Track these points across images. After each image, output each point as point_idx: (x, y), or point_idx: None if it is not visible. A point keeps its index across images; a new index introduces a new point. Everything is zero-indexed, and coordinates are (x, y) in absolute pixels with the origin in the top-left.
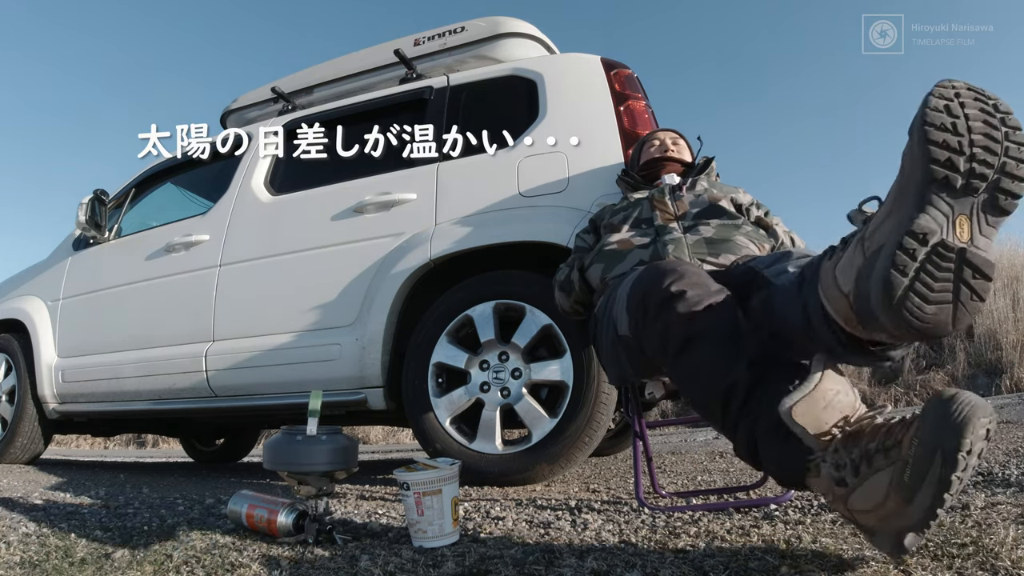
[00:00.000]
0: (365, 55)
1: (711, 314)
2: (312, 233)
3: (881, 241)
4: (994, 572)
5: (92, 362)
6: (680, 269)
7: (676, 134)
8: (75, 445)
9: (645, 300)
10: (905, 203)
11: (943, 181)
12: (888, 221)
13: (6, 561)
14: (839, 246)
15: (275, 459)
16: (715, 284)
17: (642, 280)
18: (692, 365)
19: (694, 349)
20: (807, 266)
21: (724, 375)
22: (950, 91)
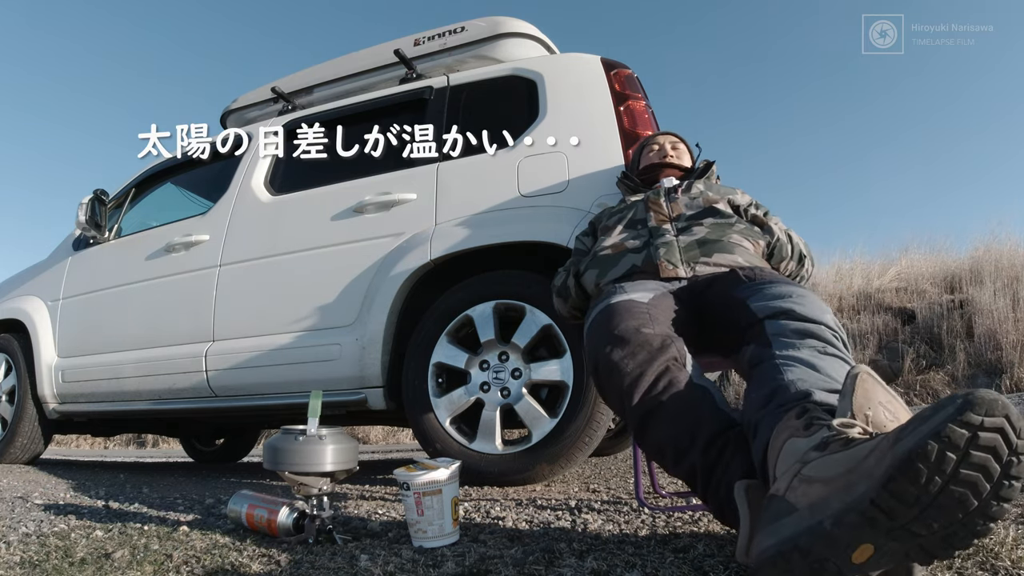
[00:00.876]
0: (365, 55)
1: (657, 391)
2: (312, 233)
3: (797, 503)
4: (994, 572)
5: (92, 362)
6: (620, 331)
7: (677, 138)
8: (75, 445)
9: (597, 370)
10: (836, 496)
11: (872, 518)
12: (818, 488)
13: (6, 561)
14: (807, 417)
15: (275, 459)
16: (659, 339)
17: (592, 341)
18: (654, 446)
19: (648, 431)
20: (779, 389)
21: (682, 459)
22: (962, 436)
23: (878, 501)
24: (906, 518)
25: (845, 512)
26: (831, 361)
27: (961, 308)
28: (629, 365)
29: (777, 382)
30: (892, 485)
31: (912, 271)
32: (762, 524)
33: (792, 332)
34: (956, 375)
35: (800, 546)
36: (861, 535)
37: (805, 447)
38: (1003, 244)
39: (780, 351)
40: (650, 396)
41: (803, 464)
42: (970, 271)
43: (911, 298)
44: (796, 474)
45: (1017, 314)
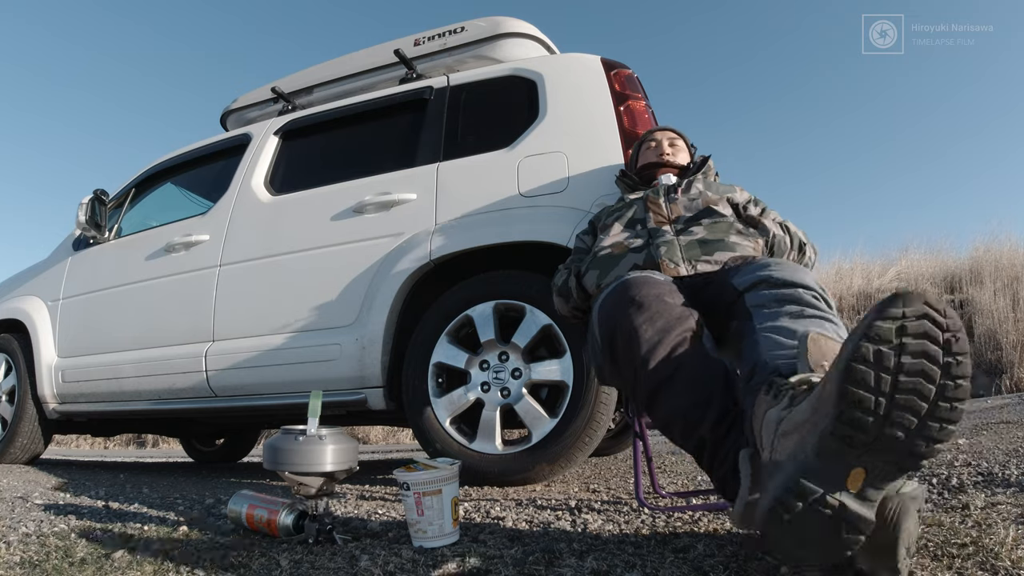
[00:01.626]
0: (365, 55)
1: (673, 359)
2: (312, 233)
3: (780, 457)
4: (994, 572)
5: (92, 362)
6: (640, 297)
7: (674, 133)
8: (75, 445)
9: (614, 336)
10: (810, 434)
11: (847, 438)
12: (794, 437)
13: (6, 561)
14: (775, 387)
15: (275, 459)
16: (678, 308)
17: (608, 308)
18: (663, 418)
19: (661, 401)
20: (757, 368)
21: (692, 431)
22: (891, 329)
23: (843, 418)
24: (876, 427)
25: (821, 444)
26: (808, 323)
27: (961, 308)
28: (648, 332)
29: (753, 360)
30: (848, 397)
31: (912, 271)
32: (762, 483)
33: (771, 300)
34: None
35: (793, 489)
36: (846, 459)
37: (776, 415)
38: (1003, 244)
39: (760, 323)
40: (666, 365)
41: (778, 424)
42: (970, 271)
43: None
44: (774, 435)
45: (1017, 314)
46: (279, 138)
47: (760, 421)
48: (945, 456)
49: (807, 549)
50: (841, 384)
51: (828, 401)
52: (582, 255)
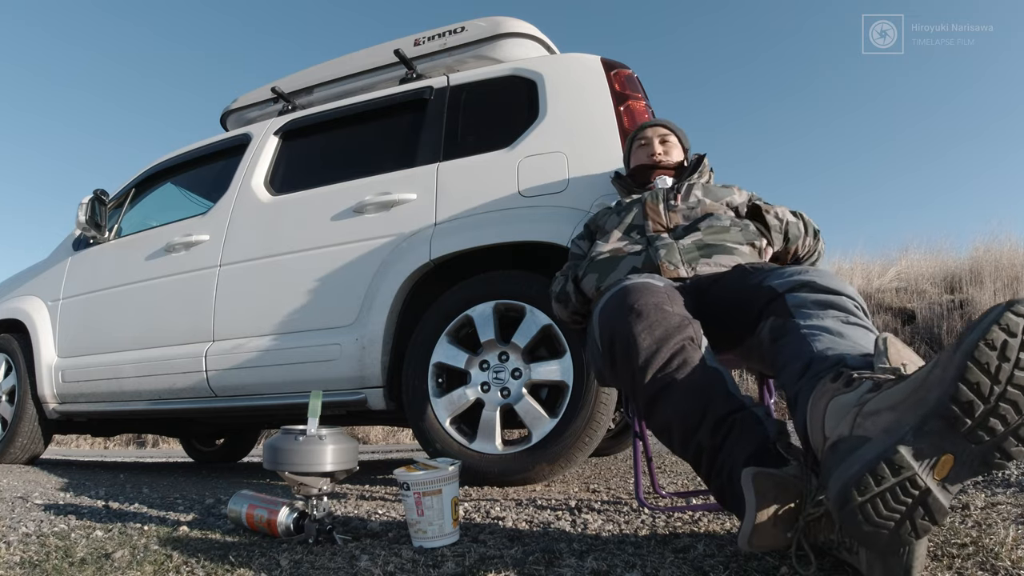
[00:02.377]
0: (365, 55)
1: (671, 367)
2: (312, 233)
3: (869, 433)
4: (994, 572)
5: (92, 362)
6: (639, 305)
7: (666, 129)
8: (75, 445)
9: (612, 343)
10: (909, 413)
11: (952, 420)
12: (887, 416)
13: (6, 561)
14: (845, 376)
15: (275, 459)
16: (676, 317)
17: (607, 315)
18: (661, 424)
19: (659, 409)
20: (814, 360)
21: (690, 438)
22: (1019, 324)
23: (956, 397)
24: (983, 413)
25: (925, 420)
26: (855, 330)
27: (961, 308)
28: (647, 340)
29: (810, 353)
30: (968, 377)
31: (912, 271)
32: (835, 464)
33: (813, 303)
34: None
35: (890, 460)
36: (943, 443)
37: (855, 397)
38: (1003, 244)
39: (804, 321)
40: (664, 373)
41: (860, 406)
42: (970, 271)
43: (911, 298)
44: (856, 415)
45: None
46: (279, 138)
47: (822, 408)
48: None
49: (875, 530)
50: (963, 363)
51: (940, 383)
52: (578, 260)
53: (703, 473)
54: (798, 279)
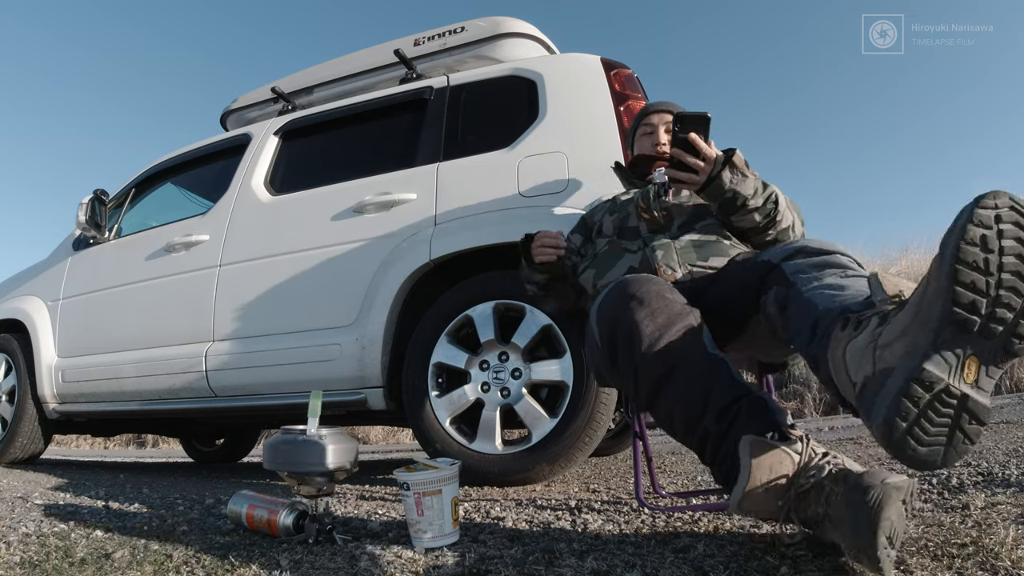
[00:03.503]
0: (365, 55)
1: (675, 353)
2: (312, 233)
3: (891, 363)
4: (994, 572)
5: (92, 362)
6: (640, 294)
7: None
8: (75, 445)
9: (614, 331)
10: (921, 331)
11: (961, 323)
12: (901, 341)
13: (6, 561)
14: (852, 321)
15: (275, 459)
16: (678, 305)
17: (608, 304)
18: (666, 411)
19: (664, 395)
20: (821, 317)
21: (695, 424)
22: (991, 215)
23: (958, 301)
24: (988, 308)
25: (938, 333)
26: (855, 281)
27: None
28: (649, 327)
29: (815, 314)
30: (961, 280)
31: (912, 271)
32: (870, 403)
33: (810, 267)
34: None
35: (919, 379)
36: (962, 347)
37: (868, 335)
38: None
39: (805, 285)
40: (668, 359)
41: (875, 341)
42: None
43: None
44: (874, 350)
45: None
46: (279, 138)
47: (841, 357)
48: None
49: (930, 450)
50: (952, 267)
51: (937, 293)
52: (570, 255)
53: (708, 459)
54: (791, 247)
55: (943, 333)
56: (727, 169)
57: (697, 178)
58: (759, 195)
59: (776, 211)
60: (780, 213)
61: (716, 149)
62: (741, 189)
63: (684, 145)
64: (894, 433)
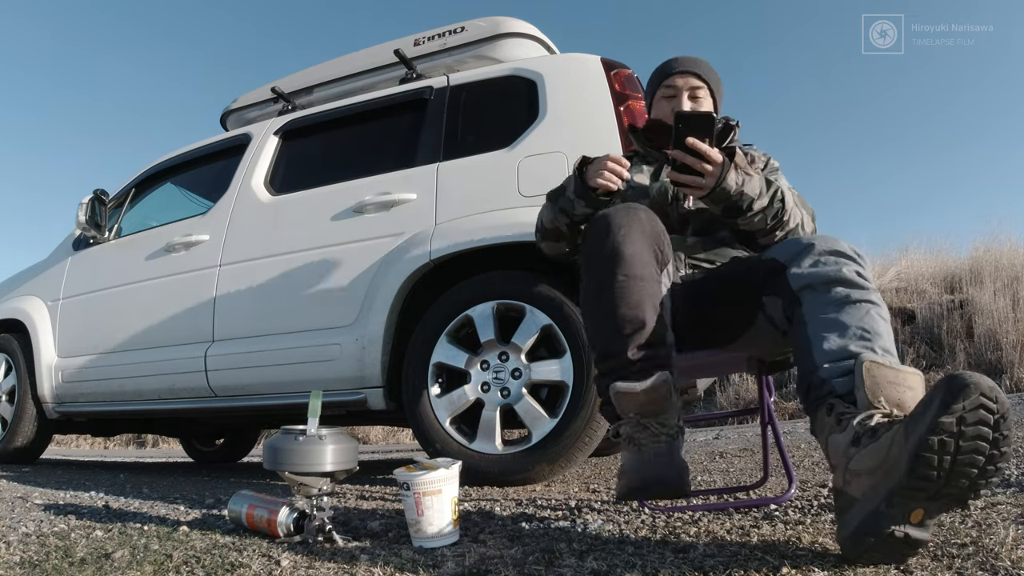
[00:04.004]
0: (365, 55)
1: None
2: (312, 233)
3: (855, 494)
4: (994, 572)
5: (92, 362)
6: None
7: (699, 80)
8: (75, 445)
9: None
10: (882, 480)
11: (912, 495)
12: (867, 479)
13: (6, 561)
14: (834, 415)
15: (275, 459)
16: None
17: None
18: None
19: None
20: (812, 385)
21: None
22: (952, 422)
23: (910, 484)
24: (936, 487)
25: (891, 495)
26: (856, 311)
27: (961, 308)
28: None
29: (808, 366)
30: (916, 471)
31: (912, 271)
32: (839, 515)
33: (819, 282)
34: None
35: (870, 527)
36: (910, 506)
37: (844, 443)
38: (1003, 244)
39: (810, 315)
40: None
41: (847, 459)
42: (970, 271)
43: (911, 298)
44: (845, 469)
45: (1017, 314)
46: (279, 138)
47: (825, 440)
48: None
49: (878, 559)
50: (912, 463)
51: (897, 467)
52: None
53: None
54: (798, 246)
55: (896, 496)
56: (732, 170)
57: (704, 182)
58: (764, 195)
59: (783, 210)
60: (787, 212)
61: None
62: (747, 190)
63: (687, 147)
64: (852, 551)
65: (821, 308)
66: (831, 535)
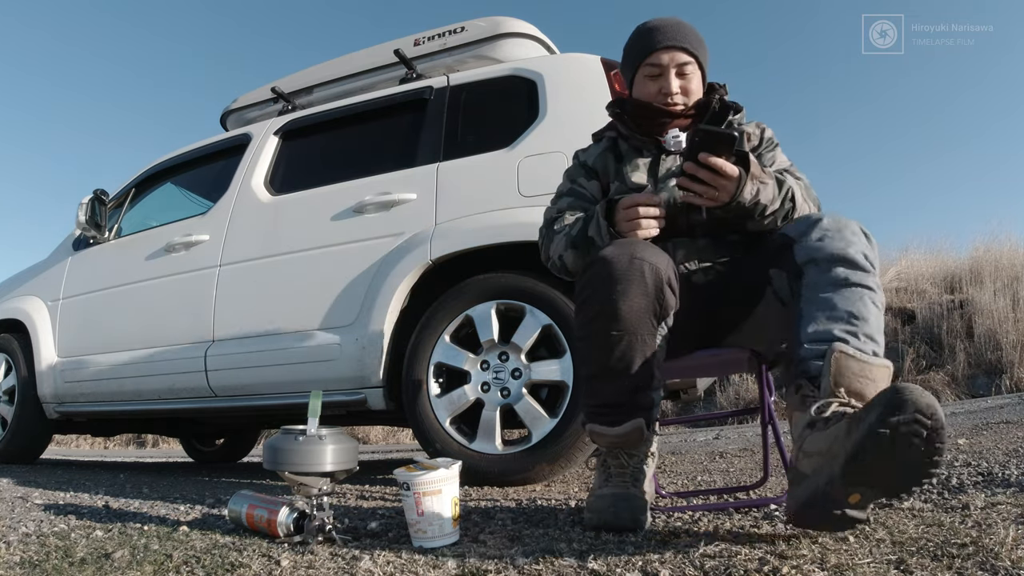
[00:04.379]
0: (365, 55)
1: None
2: (312, 233)
3: (806, 471)
4: (994, 572)
5: (92, 362)
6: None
7: (687, 55)
8: (75, 445)
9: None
10: (826, 466)
11: (851, 480)
12: (816, 460)
13: (6, 561)
14: (800, 395)
15: (275, 459)
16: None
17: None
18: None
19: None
20: (794, 359)
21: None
22: (886, 433)
23: (849, 471)
24: (872, 478)
25: (832, 480)
26: (852, 294)
27: (961, 308)
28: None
29: (797, 338)
30: (851, 467)
31: (912, 271)
32: (792, 487)
33: (824, 259)
34: (956, 375)
35: (814, 503)
36: (849, 488)
37: (802, 423)
38: (1003, 244)
39: (808, 290)
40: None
41: (802, 440)
42: (970, 271)
43: (911, 298)
44: (800, 448)
45: (1017, 314)
46: (279, 138)
47: (791, 415)
48: (945, 456)
49: (821, 529)
50: (848, 458)
51: (839, 458)
52: (585, 203)
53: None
54: (808, 221)
55: (836, 480)
56: (748, 181)
57: (717, 195)
58: (777, 197)
59: (794, 209)
60: (797, 210)
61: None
62: (763, 198)
63: (701, 162)
64: (798, 521)
65: (820, 286)
66: (831, 535)
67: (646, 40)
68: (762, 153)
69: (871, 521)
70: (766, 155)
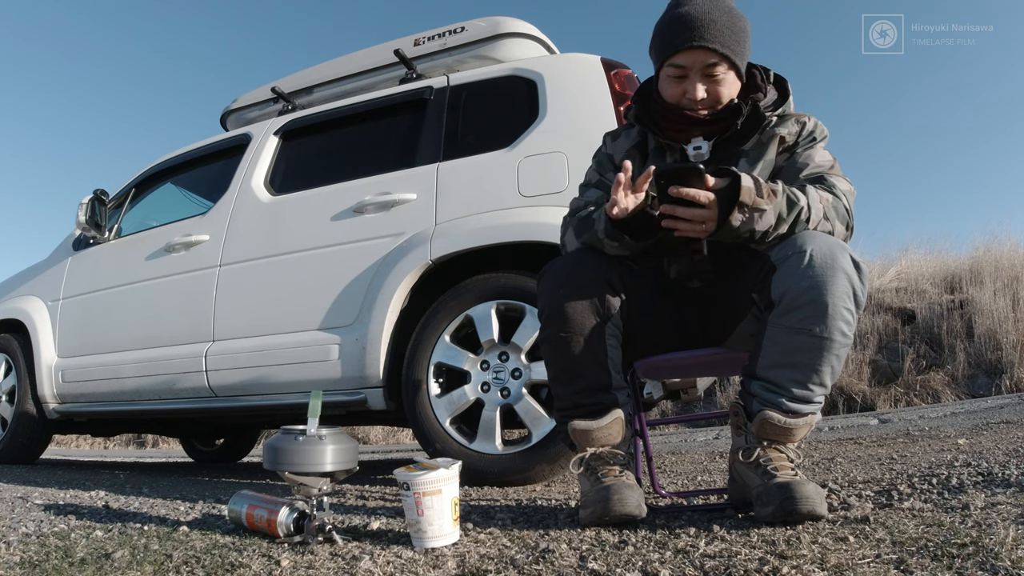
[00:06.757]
0: (365, 55)
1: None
2: (312, 233)
3: (739, 479)
4: (994, 572)
5: (92, 362)
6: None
7: (717, 55)
8: (75, 445)
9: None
10: (749, 492)
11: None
12: (744, 478)
13: (6, 561)
14: (738, 424)
15: (275, 459)
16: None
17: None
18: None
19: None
20: (746, 387)
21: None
22: (777, 522)
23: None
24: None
25: (749, 498)
26: (808, 343)
27: (961, 308)
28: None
29: (749, 371)
30: (756, 511)
31: (912, 271)
32: (739, 480)
33: (793, 300)
34: (956, 375)
35: (760, 502)
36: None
37: (736, 448)
38: (1003, 244)
39: (772, 325)
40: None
41: (735, 459)
42: (970, 271)
43: (911, 298)
44: (735, 461)
45: (1017, 314)
46: (279, 138)
47: (732, 429)
48: (945, 456)
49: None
50: (755, 499)
51: (752, 492)
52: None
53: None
54: (792, 249)
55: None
56: (735, 211)
57: (703, 228)
58: (784, 221)
59: (807, 230)
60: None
61: (713, 183)
62: (759, 227)
63: (672, 195)
64: (757, 513)
65: (782, 329)
66: (831, 535)
67: (671, 35)
68: (796, 152)
69: (871, 521)
70: (801, 153)
